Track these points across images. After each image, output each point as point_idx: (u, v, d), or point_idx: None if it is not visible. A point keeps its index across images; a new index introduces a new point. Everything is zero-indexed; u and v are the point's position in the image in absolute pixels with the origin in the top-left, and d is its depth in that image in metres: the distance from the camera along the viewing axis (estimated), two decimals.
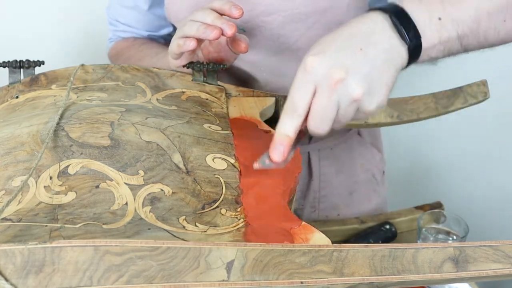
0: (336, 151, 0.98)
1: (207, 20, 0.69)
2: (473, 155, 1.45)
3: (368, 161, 1.01)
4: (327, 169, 0.98)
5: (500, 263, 0.47)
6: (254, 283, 0.44)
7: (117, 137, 0.58)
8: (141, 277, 0.43)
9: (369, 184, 1.02)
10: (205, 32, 0.68)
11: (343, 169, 0.99)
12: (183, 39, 0.70)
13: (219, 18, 0.69)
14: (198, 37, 0.69)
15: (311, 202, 0.99)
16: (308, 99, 0.56)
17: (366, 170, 1.01)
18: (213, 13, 0.70)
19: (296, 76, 0.57)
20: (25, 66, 0.73)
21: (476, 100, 0.80)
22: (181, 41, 0.70)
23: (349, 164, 0.99)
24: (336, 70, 0.55)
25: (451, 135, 1.43)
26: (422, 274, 0.46)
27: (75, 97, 0.67)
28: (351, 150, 0.99)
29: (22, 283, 0.42)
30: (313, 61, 0.56)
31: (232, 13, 0.70)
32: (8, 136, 0.59)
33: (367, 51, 0.57)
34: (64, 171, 0.53)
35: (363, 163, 1.00)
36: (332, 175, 0.98)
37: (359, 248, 0.47)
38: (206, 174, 0.57)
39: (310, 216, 0.99)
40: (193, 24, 0.70)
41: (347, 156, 0.99)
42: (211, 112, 0.69)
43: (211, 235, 0.50)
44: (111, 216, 0.50)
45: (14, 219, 0.49)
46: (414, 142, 1.41)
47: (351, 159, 0.99)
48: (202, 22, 0.70)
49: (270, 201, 0.56)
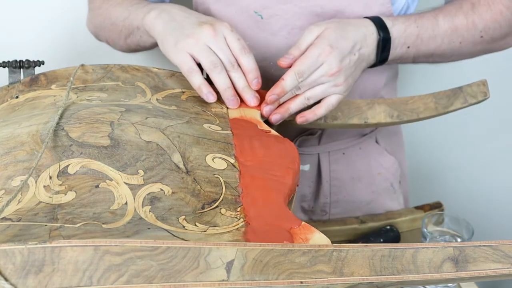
0: (350, 157, 0.96)
1: (239, 85, 0.72)
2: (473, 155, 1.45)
3: (386, 169, 0.99)
4: (340, 175, 0.96)
5: (500, 263, 0.47)
6: (254, 283, 0.44)
7: (117, 137, 0.58)
8: (141, 277, 0.43)
9: (387, 193, 1.00)
10: (229, 100, 0.71)
11: (359, 176, 0.97)
12: (205, 90, 0.71)
13: (249, 89, 0.72)
14: (222, 97, 0.72)
15: (321, 206, 0.97)
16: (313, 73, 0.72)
17: (385, 179, 0.99)
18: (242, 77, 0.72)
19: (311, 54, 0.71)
20: (25, 66, 0.73)
21: (476, 100, 0.80)
22: (204, 89, 0.71)
23: (366, 172, 0.97)
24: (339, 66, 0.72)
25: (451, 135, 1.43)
26: (422, 274, 0.46)
27: (75, 97, 0.67)
28: (367, 157, 0.97)
29: (22, 283, 0.42)
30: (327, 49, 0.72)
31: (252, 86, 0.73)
32: (8, 136, 0.59)
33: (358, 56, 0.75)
34: (64, 171, 0.53)
35: (381, 172, 0.98)
36: (347, 182, 0.96)
37: (359, 248, 0.47)
38: (206, 174, 0.57)
39: (320, 220, 0.98)
40: (221, 78, 0.71)
41: (363, 164, 0.97)
42: (211, 112, 0.69)
43: (211, 235, 0.50)
44: (110, 215, 0.50)
45: (13, 219, 0.49)
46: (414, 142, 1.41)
47: (367, 167, 0.97)
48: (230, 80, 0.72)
49: (270, 201, 0.56)
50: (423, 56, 0.82)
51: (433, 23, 0.80)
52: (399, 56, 0.80)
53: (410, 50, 0.80)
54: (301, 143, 0.93)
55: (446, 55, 0.84)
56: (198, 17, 0.74)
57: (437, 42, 0.81)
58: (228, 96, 0.71)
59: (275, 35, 0.84)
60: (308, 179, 0.96)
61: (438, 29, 0.80)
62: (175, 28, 0.73)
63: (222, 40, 0.71)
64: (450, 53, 0.83)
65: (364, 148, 0.96)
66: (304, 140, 0.93)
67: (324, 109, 0.74)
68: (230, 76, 0.72)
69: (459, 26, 0.81)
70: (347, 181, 0.96)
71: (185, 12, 0.76)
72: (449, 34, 0.81)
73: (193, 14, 0.75)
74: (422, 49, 0.81)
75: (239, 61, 0.71)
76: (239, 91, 0.72)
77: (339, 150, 0.95)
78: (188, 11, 0.76)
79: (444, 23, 0.81)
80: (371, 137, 0.97)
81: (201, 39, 0.70)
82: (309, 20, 0.82)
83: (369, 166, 0.97)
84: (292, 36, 0.83)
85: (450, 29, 0.81)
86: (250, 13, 0.84)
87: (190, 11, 0.76)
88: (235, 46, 0.71)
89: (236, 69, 0.72)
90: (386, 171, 0.98)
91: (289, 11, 0.83)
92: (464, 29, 0.81)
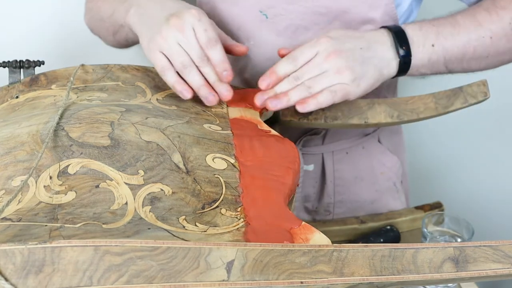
0: (353, 157, 0.95)
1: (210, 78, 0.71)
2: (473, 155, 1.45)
3: (389, 169, 0.98)
4: (344, 174, 0.95)
5: (500, 263, 0.47)
6: (254, 283, 0.44)
7: (117, 137, 0.58)
8: (141, 277, 0.43)
9: (390, 193, 0.99)
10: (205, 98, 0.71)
11: (362, 176, 0.96)
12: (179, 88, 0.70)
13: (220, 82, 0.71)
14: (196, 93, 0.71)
15: (325, 206, 0.97)
16: (307, 58, 0.71)
17: (388, 178, 0.98)
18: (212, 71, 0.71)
19: (307, 43, 0.72)
20: (25, 66, 0.73)
21: (476, 100, 0.80)
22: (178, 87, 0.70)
23: (369, 172, 0.96)
24: (336, 49, 0.71)
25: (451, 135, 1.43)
26: (422, 274, 0.46)
27: (75, 97, 0.67)
28: (370, 157, 0.96)
29: (22, 283, 0.42)
30: (324, 39, 0.72)
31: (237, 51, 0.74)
32: (8, 136, 0.59)
33: (366, 52, 0.73)
34: (64, 171, 0.53)
35: (384, 171, 0.98)
36: (350, 181, 0.96)
37: (359, 248, 0.47)
38: (206, 174, 0.57)
39: (322, 220, 0.98)
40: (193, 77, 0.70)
41: (366, 163, 0.96)
42: (211, 112, 0.69)
43: (211, 235, 0.50)
44: (111, 215, 0.50)
45: (14, 219, 0.49)
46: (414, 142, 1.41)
47: (370, 166, 0.97)
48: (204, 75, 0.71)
49: (270, 201, 0.56)
50: (455, 59, 0.77)
51: (451, 21, 0.77)
52: (427, 58, 0.76)
53: (436, 49, 0.75)
54: (305, 143, 0.93)
55: (481, 56, 0.78)
56: (169, 9, 0.73)
57: (463, 38, 0.76)
58: (203, 94, 0.70)
59: (280, 35, 0.84)
60: (312, 179, 0.95)
61: (458, 26, 0.76)
62: (147, 24, 0.73)
63: (191, 34, 0.69)
64: (484, 52, 0.77)
65: (367, 147, 0.96)
66: (308, 140, 0.93)
67: (326, 96, 0.71)
68: (202, 71, 0.71)
69: (482, 20, 0.76)
70: (351, 181, 0.96)
71: (158, 4, 0.75)
72: (473, 30, 0.76)
73: (166, 5, 0.74)
74: (450, 48, 0.76)
75: (207, 54, 0.70)
76: (212, 84, 0.71)
77: (342, 149, 0.95)
78: (162, 2, 0.75)
79: (464, 19, 0.76)
80: (373, 137, 0.96)
81: (169, 37, 0.69)
82: (313, 20, 0.82)
83: (372, 166, 0.97)
84: (297, 36, 0.83)
85: (473, 24, 0.76)
86: (255, 13, 0.84)
87: (164, 2, 0.75)
88: (202, 39, 0.69)
89: (206, 64, 0.70)
90: (389, 170, 0.98)
91: (294, 11, 0.82)
92: (490, 22, 0.76)
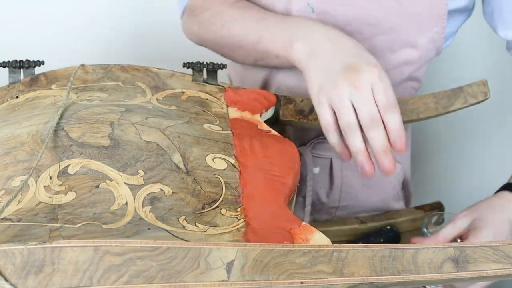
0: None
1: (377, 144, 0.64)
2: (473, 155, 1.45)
3: (395, 177, 0.97)
4: (352, 181, 0.94)
5: (500, 263, 0.47)
6: (254, 283, 0.44)
7: (117, 137, 0.58)
8: (141, 277, 0.43)
9: (393, 199, 0.99)
10: (361, 166, 0.66)
11: (370, 184, 0.95)
12: (340, 149, 0.68)
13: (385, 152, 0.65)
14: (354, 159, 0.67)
15: (327, 209, 0.97)
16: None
17: (393, 187, 0.98)
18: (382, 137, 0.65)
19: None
20: (25, 66, 0.73)
21: (476, 100, 0.80)
22: (338, 149, 0.68)
23: (378, 180, 0.94)
24: None
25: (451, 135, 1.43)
26: (422, 274, 0.46)
27: (75, 97, 0.67)
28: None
29: (22, 283, 0.42)
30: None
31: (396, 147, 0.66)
32: (8, 136, 0.59)
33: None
34: (64, 171, 0.53)
35: (391, 180, 0.97)
36: (358, 189, 0.95)
37: (359, 248, 0.47)
38: (206, 174, 0.57)
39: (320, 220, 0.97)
40: (354, 140, 0.65)
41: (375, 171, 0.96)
42: (211, 112, 0.69)
43: (211, 235, 0.50)
44: (111, 216, 0.50)
45: (14, 219, 0.49)
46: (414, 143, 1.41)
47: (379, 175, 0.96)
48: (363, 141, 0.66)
49: (270, 201, 0.56)
50: None
51: None
52: None
53: None
54: (315, 146, 0.92)
55: None
56: (345, 54, 0.67)
57: None
58: (360, 160, 0.66)
59: None
60: (318, 182, 0.94)
61: None
62: (319, 68, 0.67)
63: (368, 93, 0.64)
64: None
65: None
66: (319, 143, 0.92)
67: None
68: (368, 135, 0.64)
69: None
70: (358, 188, 0.95)
71: (332, 42, 0.69)
72: None
73: (342, 46, 0.68)
74: None
75: (384, 118, 0.64)
76: (375, 151, 0.65)
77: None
78: (335, 39, 0.69)
79: None
80: None
81: (343, 92, 0.64)
82: (359, 28, 0.79)
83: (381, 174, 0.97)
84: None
85: None
86: (303, 3, 0.80)
87: (338, 39, 0.69)
88: (381, 101, 0.64)
89: (377, 128, 0.64)
90: (394, 178, 0.97)
91: (343, 14, 0.79)
92: None
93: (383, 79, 0.64)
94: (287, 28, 0.73)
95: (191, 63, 0.74)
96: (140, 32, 1.24)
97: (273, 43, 0.74)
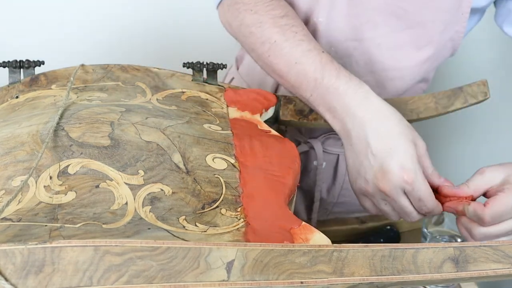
0: None
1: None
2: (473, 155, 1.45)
3: None
4: None
5: (500, 263, 0.47)
6: (254, 283, 0.44)
7: (117, 137, 0.58)
8: (141, 277, 0.43)
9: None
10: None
11: None
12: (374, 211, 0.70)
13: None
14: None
15: (325, 205, 0.97)
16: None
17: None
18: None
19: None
20: (25, 66, 0.73)
21: (476, 100, 0.80)
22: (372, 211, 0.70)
23: None
24: None
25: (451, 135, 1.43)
26: (422, 274, 0.46)
27: (75, 97, 0.67)
28: None
29: (22, 283, 0.42)
30: None
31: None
32: (8, 136, 0.59)
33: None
34: (64, 171, 0.53)
35: None
36: None
37: (359, 248, 0.47)
38: (206, 174, 0.57)
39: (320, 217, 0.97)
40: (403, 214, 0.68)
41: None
42: (211, 112, 0.69)
43: (211, 235, 0.50)
44: (111, 216, 0.50)
45: (14, 219, 0.49)
46: None
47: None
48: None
49: (270, 201, 0.56)
50: None
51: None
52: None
53: None
54: (325, 141, 0.92)
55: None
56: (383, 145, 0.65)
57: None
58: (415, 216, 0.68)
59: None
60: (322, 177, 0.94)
61: None
62: (355, 155, 0.68)
63: (403, 200, 0.66)
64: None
65: None
66: (328, 139, 0.92)
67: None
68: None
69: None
70: None
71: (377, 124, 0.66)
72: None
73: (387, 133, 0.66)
74: None
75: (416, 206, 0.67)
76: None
77: None
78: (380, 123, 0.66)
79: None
80: None
81: (376, 196, 0.67)
82: (387, 20, 0.79)
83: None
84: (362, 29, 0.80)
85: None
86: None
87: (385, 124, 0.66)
88: (415, 204, 0.66)
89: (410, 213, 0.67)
90: None
91: (374, 2, 0.79)
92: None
93: (415, 185, 0.64)
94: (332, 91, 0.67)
95: (191, 63, 0.74)
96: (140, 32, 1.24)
97: (312, 98, 0.70)
